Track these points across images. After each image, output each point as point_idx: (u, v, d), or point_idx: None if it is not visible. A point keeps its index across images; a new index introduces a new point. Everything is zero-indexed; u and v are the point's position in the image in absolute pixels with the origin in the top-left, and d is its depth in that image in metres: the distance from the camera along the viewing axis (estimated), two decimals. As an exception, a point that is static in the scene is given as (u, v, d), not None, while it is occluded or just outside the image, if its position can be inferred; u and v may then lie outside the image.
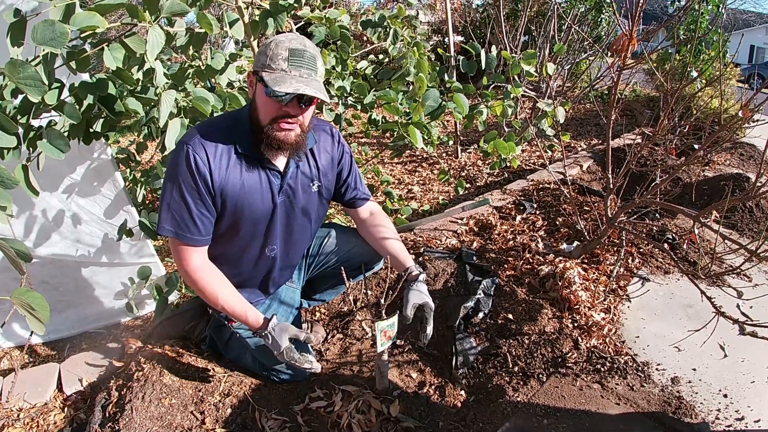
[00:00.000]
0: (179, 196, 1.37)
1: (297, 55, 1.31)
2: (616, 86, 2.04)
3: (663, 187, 2.27)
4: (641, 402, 1.57)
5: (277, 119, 1.35)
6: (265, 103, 1.34)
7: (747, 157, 4.18)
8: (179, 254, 1.45)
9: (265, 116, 1.35)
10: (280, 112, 1.34)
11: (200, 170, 1.35)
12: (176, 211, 1.38)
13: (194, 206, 1.38)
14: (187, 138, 1.38)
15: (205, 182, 1.36)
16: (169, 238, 1.44)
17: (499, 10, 4.93)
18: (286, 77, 1.29)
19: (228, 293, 1.48)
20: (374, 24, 2.51)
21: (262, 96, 1.33)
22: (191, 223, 1.39)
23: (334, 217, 3.13)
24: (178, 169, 1.36)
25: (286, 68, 1.30)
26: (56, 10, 1.31)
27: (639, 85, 6.59)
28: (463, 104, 2.38)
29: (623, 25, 1.92)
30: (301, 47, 1.32)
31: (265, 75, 1.29)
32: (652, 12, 9.75)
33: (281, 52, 1.30)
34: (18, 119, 1.45)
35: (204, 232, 1.43)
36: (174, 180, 1.37)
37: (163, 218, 1.40)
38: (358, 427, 1.49)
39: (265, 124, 1.36)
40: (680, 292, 2.16)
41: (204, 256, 1.48)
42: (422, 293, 1.56)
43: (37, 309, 1.13)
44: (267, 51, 1.32)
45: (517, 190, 3.25)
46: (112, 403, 1.55)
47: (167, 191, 1.39)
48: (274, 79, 1.28)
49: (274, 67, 1.30)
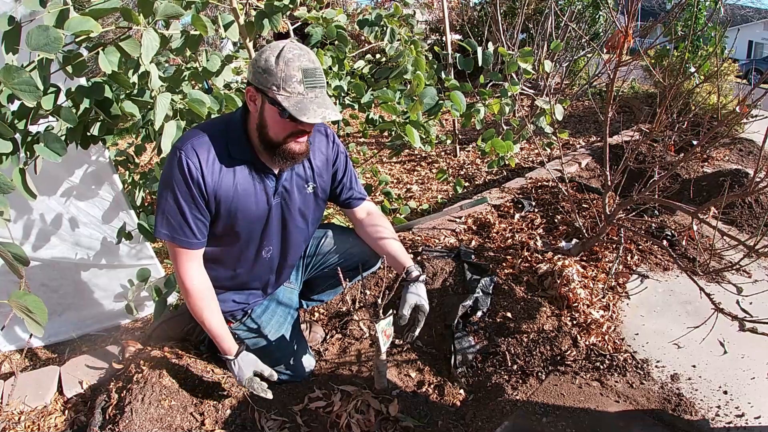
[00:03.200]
0: (174, 201, 1.38)
1: (310, 76, 1.29)
2: (612, 83, 2.03)
3: (661, 183, 2.27)
4: (641, 399, 1.57)
5: (294, 135, 1.36)
6: (280, 123, 1.33)
7: (746, 152, 4.17)
8: (176, 257, 1.46)
9: (278, 134, 1.36)
10: (296, 130, 1.35)
11: (193, 175, 1.36)
12: (171, 216, 1.40)
13: (188, 210, 1.39)
14: (180, 143, 1.38)
15: (198, 187, 1.37)
16: (166, 242, 1.46)
17: (497, 8, 4.92)
18: (306, 102, 1.28)
19: (213, 314, 1.51)
20: (371, 23, 2.50)
21: (276, 117, 1.32)
22: (186, 227, 1.41)
23: (333, 218, 3.13)
24: (171, 174, 1.37)
25: (302, 91, 1.28)
26: (50, 16, 1.31)
27: (637, 81, 6.59)
28: (460, 102, 2.38)
29: (620, 22, 1.92)
30: (312, 65, 1.30)
31: (281, 99, 1.27)
32: (650, 8, 9.74)
33: (295, 74, 1.27)
34: (16, 124, 1.46)
35: (199, 236, 1.44)
36: (168, 185, 1.38)
37: (159, 222, 1.42)
38: (357, 426, 1.49)
39: (279, 141, 1.37)
40: (679, 289, 2.16)
41: (200, 263, 1.50)
42: (420, 296, 1.57)
43: (35, 311, 1.14)
44: (276, 71, 1.27)
45: (515, 188, 3.25)
46: (112, 405, 1.55)
47: (162, 196, 1.41)
48: (295, 105, 1.27)
49: (290, 91, 1.28)
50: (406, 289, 1.58)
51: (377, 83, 2.79)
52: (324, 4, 2.61)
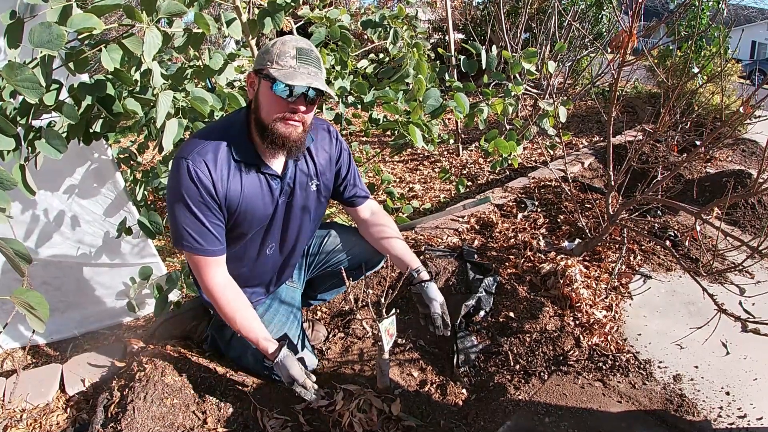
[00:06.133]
0: (190, 213, 1.36)
1: (304, 54, 1.33)
2: (616, 83, 2.03)
3: (664, 183, 2.26)
4: (643, 400, 1.56)
5: (283, 116, 1.35)
6: (270, 100, 1.33)
7: (749, 153, 4.16)
8: (200, 269, 1.43)
9: (269, 114, 1.35)
10: (287, 109, 1.34)
11: (203, 183, 1.34)
12: (190, 227, 1.37)
13: (205, 218, 1.37)
14: (184, 153, 1.36)
15: (210, 194, 1.36)
16: (187, 254, 1.43)
17: (500, 8, 4.91)
18: (296, 73, 1.30)
19: (246, 317, 1.48)
20: (375, 24, 2.50)
21: (267, 93, 1.33)
22: (209, 235, 1.39)
23: (336, 217, 3.12)
24: (180, 184, 1.34)
25: (294, 65, 1.31)
26: (53, 12, 1.31)
27: (640, 81, 6.57)
28: (463, 103, 2.38)
29: (623, 22, 1.91)
30: (308, 47, 1.35)
31: (273, 71, 1.30)
32: (653, 8, 9.72)
33: (289, 50, 1.32)
34: (18, 120, 1.46)
35: (221, 242, 1.43)
36: (179, 197, 1.35)
37: (182, 236, 1.38)
38: (360, 425, 1.49)
39: (269, 122, 1.35)
40: (682, 290, 2.15)
41: (225, 269, 1.48)
42: (437, 291, 1.62)
43: (37, 307, 1.14)
44: (272, 49, 1.33)
45: (518, 187, 3.25)
46: (114, 403, 1.55)
47: (176, 210, 1.37)
48: (284, 74, 1.29)
49: (282, 64, 1.31)
50: (424, 290, 1.61)
51: (380, 83, 2.78)
52: (327, 3, 2.60)
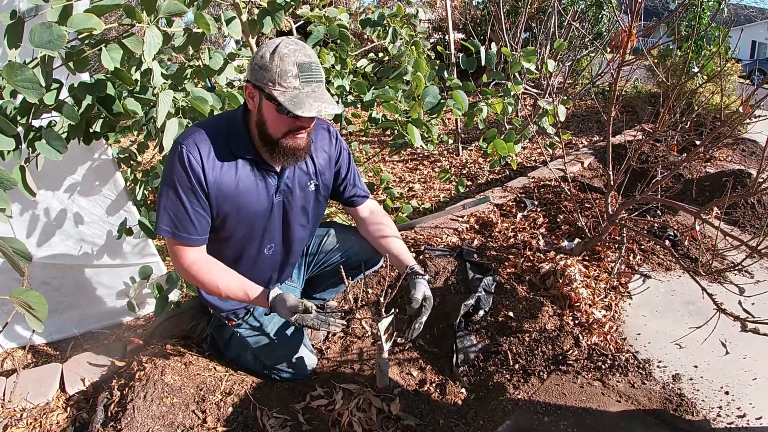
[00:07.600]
0: (175, 196, 1.37)
1: (306, 70, 1.29)
2: (615, 83, 2.03)
3: (664, 183, 2.26)
4: (642, 399, 1.57)
5: (292, 132, 1.35)
6: (277, 120, 1.33)
7: (749, 153, 4.16)
8: (176, 254, 1.45)
9: (277, 131, 1.35)
10: (294, 126, 1.34)
11: (194, 169, 1.35)
12: (172, 211, 1.39)
13: (190, 205, 1.38)
14: (181, 138, 1.38)
15: (199, 181, 1.36)
16: (166, 238, 1.44)
17: (500, 7, 4.91)
18: (302, 96, 1.27)
19: (228, 280, 1.47)
20: (374, 23, 2.50)
21: (273, 113, 1.32)
22: (188, 223, 1.40)
23: (335, 216, 3.13)
24: (173, 168, 1.37)
25: (298, 86, 1.28)
26: (53, 12, 1.31)
27: (640, 81, 6.57)
28: (462, 101, 2.38)
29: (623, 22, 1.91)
30: (307, 59, 1.30)
31: (277, 94, 1.27)
32: (653, 8, 9.71)
33: (290, 68, 1.27)
34: (18, 120, 1.46)
35: (200, 231, 1.43)
36: (169, 180, 1.37)
37: (160, 218, 1.41)
38: (359, 425, 1.49)
39: (277, 138, 1.36)
40: (682, 289, 2.15)
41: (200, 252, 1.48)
42: (427, 287, 1.56)
43: (36, 307, 1.14)
44: (272, 66, 1.27)
45: (518, 187, 3.25)
46: (114, 402, 1.55)
47: (163, 192, 1.40)
48: (290, 100, 1.26)
49: (286, 86, 1.28)
50: (413, 281, 1.55)
51: (380, 82, 2.78)
52: (327, 2, 2.60)
